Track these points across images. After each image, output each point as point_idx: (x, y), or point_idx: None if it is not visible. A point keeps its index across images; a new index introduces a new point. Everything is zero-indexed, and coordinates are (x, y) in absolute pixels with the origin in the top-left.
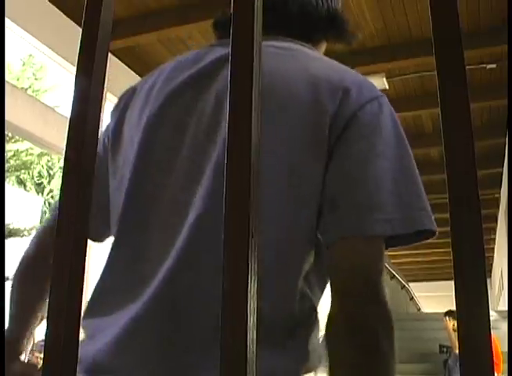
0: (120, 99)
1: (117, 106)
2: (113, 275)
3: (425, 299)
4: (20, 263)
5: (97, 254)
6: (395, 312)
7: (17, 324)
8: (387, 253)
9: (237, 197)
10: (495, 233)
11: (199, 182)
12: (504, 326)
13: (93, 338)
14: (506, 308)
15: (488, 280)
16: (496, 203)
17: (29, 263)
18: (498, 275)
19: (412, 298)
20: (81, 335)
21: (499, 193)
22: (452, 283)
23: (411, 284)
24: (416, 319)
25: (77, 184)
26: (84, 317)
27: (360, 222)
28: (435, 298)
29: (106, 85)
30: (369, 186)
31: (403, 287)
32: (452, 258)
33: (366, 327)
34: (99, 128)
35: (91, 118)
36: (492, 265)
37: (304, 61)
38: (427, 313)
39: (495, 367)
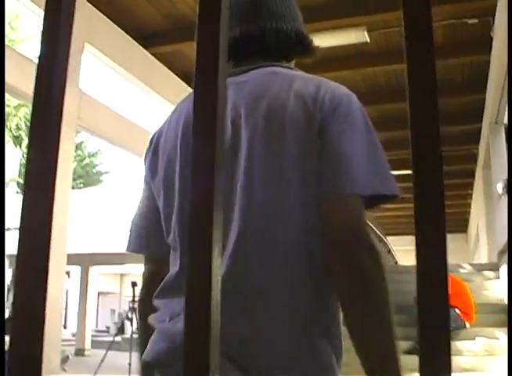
0: (151, 140)
1: (149, 147)
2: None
3: (402, 253)
4: (139, 302)
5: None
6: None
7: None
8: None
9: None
10: (472, 189)
11: (233, 190)
12: (478, 278)
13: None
14: (480, 261)
15: (464, 235)
16: (474, 158)
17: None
18: (474, 230)
19: (389, 251)
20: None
21: (477, 149)
22: None
23: (389, 238)
24: (393, 272)
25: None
26: (161, 295)
27: (343, 184)
28: (412, 252)
29: (84, 35)
30: (347, 159)
31: (381, 240)
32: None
33: (361, 268)
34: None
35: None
36: (468, 220)
37: (289, 81)
38: (403, 266)
39: (466, 317)
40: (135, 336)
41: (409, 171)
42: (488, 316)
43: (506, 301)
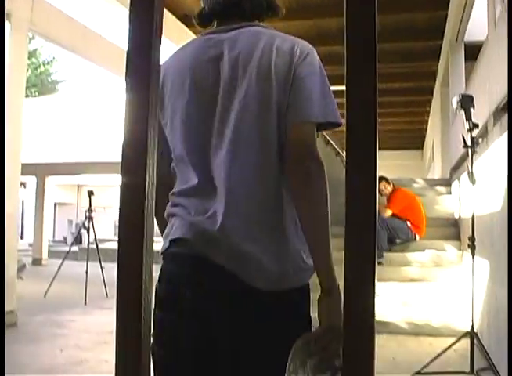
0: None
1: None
2: (194, 168)
3: None
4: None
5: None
6: (330, 177)
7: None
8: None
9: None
10: (430, 106)
11: (229, 114)
12: (431, 193)
13: (198, 208)
14: (433, 177)
15: (420, 152)
16: (434, 76)
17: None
18: (430, 147)
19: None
20: (182, 206)
21: (437, 66)
22: (384, 152)
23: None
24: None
25: None
26: (179, 194)
27: (302, 114)
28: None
29: None
30: (307, 94)
31: (337, 153)
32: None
33: (308, 172)
34: None
35: None
36: (424, 137)
37: (271, 40)
38: None
39: (417, 230)
40: (92, 246)
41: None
42: (438, 229)
43: (455, 216)
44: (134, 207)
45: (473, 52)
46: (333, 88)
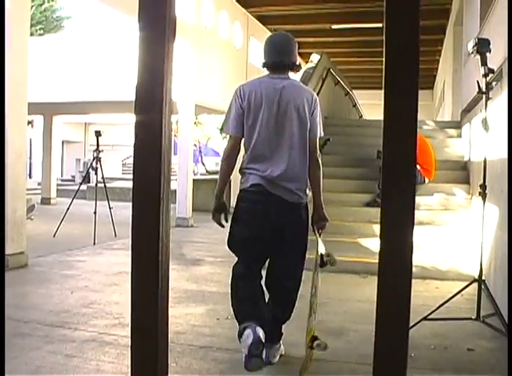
0: (242, 90)
1: (242, 92)
2: (264, 150)
3: (367, 107)
4: (227, 156)
5: None
6: (338, 117)
7: (223, 185)
8: (333, 60)
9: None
10: (442, 45)
11: (284, 136)
12: (441, 136)
13: (267, 170)
14: (443, 119)
15: (430, 92)
16: (447, 14)
17: (229, 156)
18: (440, 88)
19: (355, 105)
20: (256, 169)
21: (451, 4)
22: None
23: (354, 91)
24: (358, 126)
25: None
26: (253, 162)
27: (315, 133)
28: (378, 107)
29: None
30: (318, 126)
31: (347, 93)
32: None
33: (317, 161)
34: None
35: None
36: (435, 77)
37: (301, 91)
38: (368, 120)
39: (426, 173)
40: (99, 185)
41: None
42: (447, 172)
43: (465, 160)
44: (150, 146)
45: None
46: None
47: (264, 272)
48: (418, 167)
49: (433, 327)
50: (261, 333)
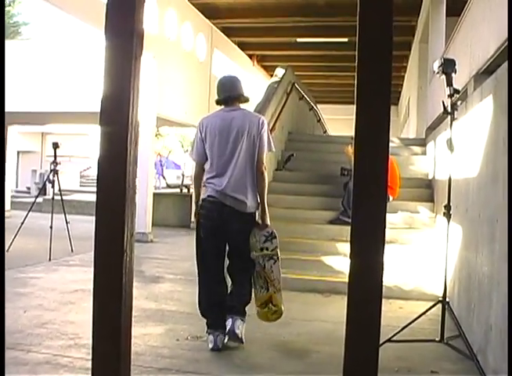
0: (202, 123)
1: (202, 125)
2: (217, 169)
3: (332, 122)
4: (195, 177)
5: None
6: (302, 133)
7: (198, 194)
8: (298, 74)
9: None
10: (407, 62)
11: (233, 156)
12: (406, 153)
13: (219, 184)
14: (408, 136)
15: (395, 108)
16: (412, 31)
17: (196, 177)
18: (405, 103)
19: (319, 120)
20: (213, 183)
21: (416, 21)
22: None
23: (319, 106)
24: (322, 142)
25: None
26: (211, 178)
27: (262, 150)
28: (341, 122)
29: None
30: (265, 144)
31: (311, 108)
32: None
33: (262, 177)
34: None
35: None
36: (400, 93)
37: (250, 117)
38: (332, 136)
39: (391, 191)
40: (56, 198)
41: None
42: (412, 190)
43: (429, 177)
44: (115, 158)
45: (456, 6)
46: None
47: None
48: None
49: (396, 349)
50: (219, 342)
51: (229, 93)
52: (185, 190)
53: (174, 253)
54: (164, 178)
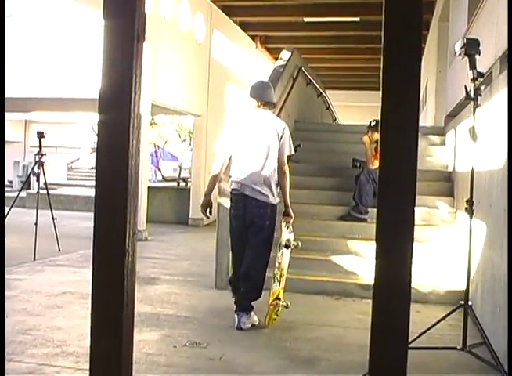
0: (233, 121)
1: (233, 129)
2: (243, 164)
3: (341, 109)
4: (213, 175)
5: None
6: (310, 121)
7: (211, 186)
8: (305, 57)
9: None
10: (425, 42)
11: (258, 154)
12: (422, 143)
13: (239, 177)
14: (425, 124)
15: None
16: (431, 7)
17: (214, 175)
18: (422, 88)
19: (328, 108)
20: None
21: None
22: (369, 92)
23: (328, 91)
24: (332, 131)
25: None
26: (236, 172)
27: (282, 153)
28: (353, 109)
29: None
30: (286, 148)
31: (319, 94)
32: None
33: (284, 176)
34: None
35: None
36: None
37: (274, 121)
38: (343, 125)
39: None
40: (42, 192)
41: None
42: (430, 183)
43: (449, 169)
44: (116, 150)
45: None
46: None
47: None
48: None
49: (413, 357)
50: (242, 324)
51: (262, 98)
52: (182, 184)
53: (170, 252)
54: (159, 170)
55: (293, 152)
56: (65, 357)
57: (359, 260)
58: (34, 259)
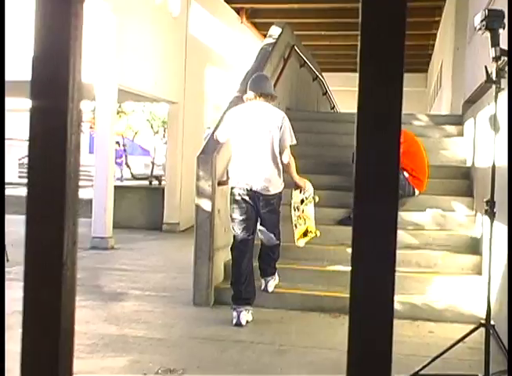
0: (232, 113)
1: (232, 118)
2: (244, 159)
3: (341, 95)
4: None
5: None
6: (304, 109)
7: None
8: (298, 34)
9: None
10: (440, 15)
11: (259, 147)
12: (436, 134)
13: (245, 172)
14: (439, 112)
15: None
16: None
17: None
18: (437, 69)
19: (325, 93)
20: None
21: None
22: None
23: (325, 74)
24: (330, 120)
25: None
26: (238, 167)
27: (284, 144)
28: (354, 94)
29: None
30: (287, 134)
31: (315, 78)
32: None
33: (288, 165)
34: None
35: None
36: (431, 56)
37: (273, 112)
38: (342, 113)
39: (417, 183)
40: None
41: None
42: (444, 181)
43: (467, 165)
44: (51, 144)
45: None
46: None
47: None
48: (406, 174)
49: None
50: (242, 319)
51: (261, 90)
52: (155, 182)
53: (141, 262)
54: (128, 166)
55: (294, 141)
56: None
57: None
58: None
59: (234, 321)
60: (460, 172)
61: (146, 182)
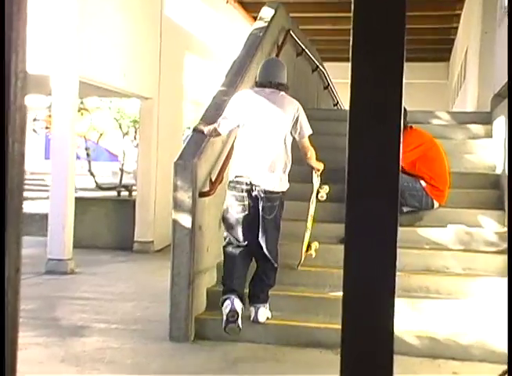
0: (238, 99)
1: (238, 102)
2: (252, 149)
3: (344, 88)
4: (219, 130)
5: None
6: (302, 106)
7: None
8: (294, 16)
9: None
10: (461, 8)
11: (269, 138)
12: (460, 135)
13: (251, 164)
14: (464, 109)
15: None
16: None
17: (218, 132)
18: (460, 58)
19: (327, 87)
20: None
21: None
22: None
23: (326, 65)
24: (332, 119)
25: None
26: (244, 157)
27: (303, 135)
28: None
29: None
30: (304, 125)
31: (315, 68)
32: None
33: (308, 156)
34: None
35: None
36: (453, 43)
37: (287, 101)
38: (347, 111)
39: (436, 194)
40: None
41: None
42: (470, 191)
43: (497, 172)
44: None
45: None
46: None
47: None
48: (423, 183)
49: None
50: (237, 305)
51: (278, 80)
52: (124, 193)
53: (107, 289)
54: (91, 174)
55: (310, 131)
56: None
57: None
58: None
59: (251, 317)
60: (489, 181)
61: (114, 193)
